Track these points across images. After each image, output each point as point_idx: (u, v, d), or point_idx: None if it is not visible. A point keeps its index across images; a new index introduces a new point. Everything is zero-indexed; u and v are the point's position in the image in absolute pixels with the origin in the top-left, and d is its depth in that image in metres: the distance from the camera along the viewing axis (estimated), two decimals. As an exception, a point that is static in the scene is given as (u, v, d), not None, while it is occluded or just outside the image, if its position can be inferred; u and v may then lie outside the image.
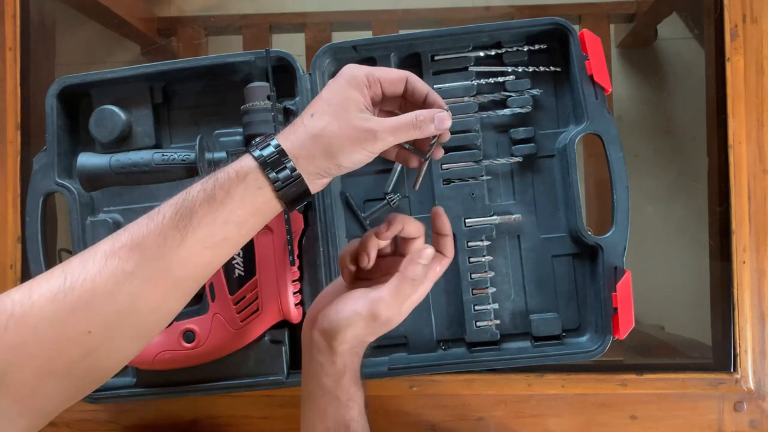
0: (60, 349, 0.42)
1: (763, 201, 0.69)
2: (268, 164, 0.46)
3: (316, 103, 0.49)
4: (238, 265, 0.61)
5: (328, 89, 0.50)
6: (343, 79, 0.49)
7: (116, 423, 0.71)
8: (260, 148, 0.47)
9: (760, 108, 0.69)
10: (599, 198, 0.90)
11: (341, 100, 0.48)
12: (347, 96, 0.48)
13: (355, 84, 0.49)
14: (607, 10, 0.99)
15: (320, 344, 0.53)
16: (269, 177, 0.46)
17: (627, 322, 0.62)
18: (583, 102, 0.64)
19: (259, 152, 0.47)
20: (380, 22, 0.96)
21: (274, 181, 0.46)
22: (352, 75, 0.50)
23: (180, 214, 0.45)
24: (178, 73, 0.67)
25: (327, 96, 0.49)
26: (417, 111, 0.50)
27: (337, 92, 0.49)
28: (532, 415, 0.69)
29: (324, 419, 0.53)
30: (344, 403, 0.53)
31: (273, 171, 0.46)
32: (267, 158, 0.46)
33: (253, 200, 0.47)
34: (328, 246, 0.64)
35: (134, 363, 0.63)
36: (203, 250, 0.46)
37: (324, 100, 0.49)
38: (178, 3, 1.05)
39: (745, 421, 0.68)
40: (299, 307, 0.64)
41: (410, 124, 0.49)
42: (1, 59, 0.75)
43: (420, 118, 0.49)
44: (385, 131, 0.48)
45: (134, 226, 0.45)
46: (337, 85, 0.49)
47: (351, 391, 0.53)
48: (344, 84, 0.49)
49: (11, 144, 0.74)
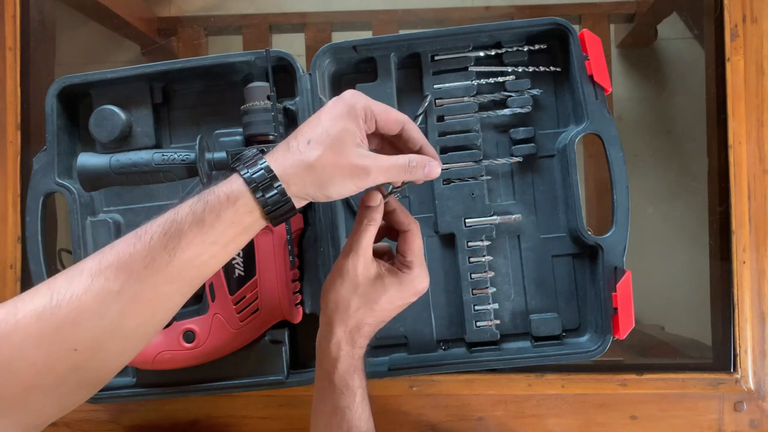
0: (47, 366, 0.42)
1: (763, 201, 0.69)
2: (259, 188, 0.46)
3: (315, 128, 0.48)
4: (238, 265, 0.61)
5: (328, 115, 0.49)
6: (344, 108, 0.49)
7: (116, 423, 0.71)
8: (249, 167, 0.47)
9: (760, 108, 0.69)
10: (599, 198, 0.90)
11: (340, 131, 0.48)
12: (346, 128, 0.48)
13: (353, 115, 0.49)
14: (607, 10, 0.99)
15: (321, 328, 0.55)
16: (259, 200, 0.47)
17: (627, 322, 0.62)
18: (583, 102, 0.64)
19: (249, 174, 0.47)
20: (380, 22, 0.96)
21: (264, 204, 0.47)
22: (352, 105, 0.49)
23: (168, 235, 0.45)
24: (178, 73, 0.67)
25: (327, 124, 0.48)
26: (411, 155, 0.51)
27: (336, 122, 0.48)
28: (532, 415, 0.69)
29: (323, 402, 0.54)
30: (338, 390, 0.53)
31: (263, 194, 0.47)
32: (258, 181, 0.46)
33: (242, 222, 0.47)
34: (328, 246, 0.64)
35: (134, 363, 0.63)
36: (190, 268, 0.46)
37: (323, 129, 0.48)
38: (178, 3, 1.05)
39: (745, 421, 0.68)
40: (299, 307, 0.64)
41: (403, 168, 0.50)
42: (1, 59, 0.75)
43: (413, 164, 0.50)
44: (378, 170, 0.48)
45: (121, 244, 0.46)
46: (338, 114, 0.49)
47: (346, 379, 0.53)
48: (345, 114, 0.49)
49: (11, 144, 0.74)
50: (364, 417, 0.54)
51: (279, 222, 0.49)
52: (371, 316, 0.54)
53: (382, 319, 0.55)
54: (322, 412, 0.55)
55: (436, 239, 0.68)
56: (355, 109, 0.49)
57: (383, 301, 0.54)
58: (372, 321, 0.54)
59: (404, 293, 0.55)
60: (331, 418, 0.54)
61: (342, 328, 0.54)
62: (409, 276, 0.55)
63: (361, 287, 0.53)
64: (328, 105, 0.50)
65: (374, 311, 0.54)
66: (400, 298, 0.55)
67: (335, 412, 0.53)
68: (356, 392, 0.54)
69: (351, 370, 0.54)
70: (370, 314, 0.54)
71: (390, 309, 0.55)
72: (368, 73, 0.68)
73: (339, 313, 0.54)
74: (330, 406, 0.54)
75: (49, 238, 0.68)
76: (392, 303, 0.54)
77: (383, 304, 0.54)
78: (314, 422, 0.56)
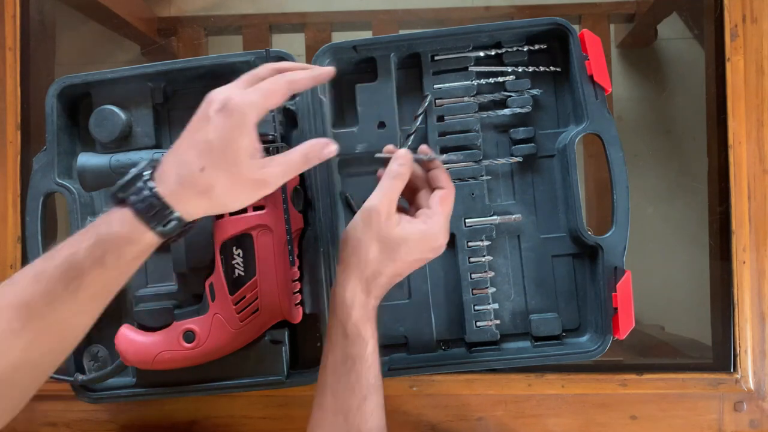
0: None
1: (763, 201, 0.69)
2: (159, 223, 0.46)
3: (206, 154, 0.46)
4: (238, 265, 0.61)
5: (216, 131, 0.46)
6: (234, 121, 0.47)
7: (116, 423, 0.71)
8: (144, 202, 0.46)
9: (760, 108, 0.69)
10: (599, 198, 0.90)
11: (234, 151, 0.46)
12: (239, 145, 0.47)
13: (242, 125, 0.47)
14: (607, 10, 0.99)
15: (337, 276, 0.55)
16: (159, 232, 0.47)
17: (627, 322, 0.62)
18: (583, 102, 0.64)
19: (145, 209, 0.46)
20: (380, 22, 0.96)
21: (162, 234, 0.47)
22: (241, 114, 0.47)
23: (69, 276, 0.45)
24: (178, 73, 0.67)
25: (218, 145, 0.46)
26: (302, 147, 0.50)
27: (228, 141, 0.46)
28: (532, 415, 0.69)
29: (334, 352, 0.53)
30: (350, 338, 0.53)
31: (164, 227, 0.47)
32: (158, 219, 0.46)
33: (144, 254, 0.48)
34: (328, 246, 0.64)
35: (134, 363, 0.63)
36: (95, 300, 0.47)
37: (215, 152, 0.46)
38: (178, 3, 1.05)
39: (745, 421, 0.68)
40: (299, 307, 0.64)
41: (298, 164, 0.50)
42: (1, 59, 0.75)
43: (309, 156, 0.50)
44: (275, 177, 0.49)
45: (21, 280, 0.46)
46: (227, 129, 0.47)
47: (359, 327, 0.53)
48: (235, 127, 0.47)
49: (11, 144, 0.74)
50: (373, 369, 0.53)
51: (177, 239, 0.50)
52: (389, 266, 0.53)
53: (398, 272, 0.55)
54: (332, 363, 0.54)
55: (436, 239, 0.68)
56: (245, 118, 0.47)
57: (402, 252, 0.53)
58: (389, 272, 0.54)
59: (424, 245, 0.54)
60: (340, 366, 0.53)
61: (358, 275, 0.53)
62: (432, 228, 0.54)
63: (383, 233, 0.53)
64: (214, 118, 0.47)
65: (393, 261, 0.53)
66: (419, 250, 0.54)
67: (345, 360, 0.52)
68: (368, 342, 0.53)
69: (364, 320, 0.53)
70: (389, 264, 0.53)
71: (408, 261, 0.54)
72: (368, 73, 0.68)
73: (357, 258, 0.53)
74: (340, 356, 0.53)
75: (49, 238, 0.68)
76: (411, 254, 0.54)
77: (402, 254, 0.53)
78: (322, 375, 0.54)
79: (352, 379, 0.52)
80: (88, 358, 0.67)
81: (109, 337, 0.64)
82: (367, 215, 0.54)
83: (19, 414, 0.61)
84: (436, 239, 0.55)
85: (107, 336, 0.67)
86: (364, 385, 0.52)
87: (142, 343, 0.62)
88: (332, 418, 0.52)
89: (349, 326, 0.53)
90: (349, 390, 0.52)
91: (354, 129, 0.67)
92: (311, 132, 0.64)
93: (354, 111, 0.67)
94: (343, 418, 0.52)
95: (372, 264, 0.53)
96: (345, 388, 0.52)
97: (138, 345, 0.62)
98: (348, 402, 0.52)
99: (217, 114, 0.47)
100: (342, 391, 0.52)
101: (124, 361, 0.63)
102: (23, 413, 0.73)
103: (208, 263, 0.63)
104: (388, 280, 0.54)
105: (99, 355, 0.68)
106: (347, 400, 0.52)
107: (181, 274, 0.65)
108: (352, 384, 0.52)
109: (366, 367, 0.52)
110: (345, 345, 0.53)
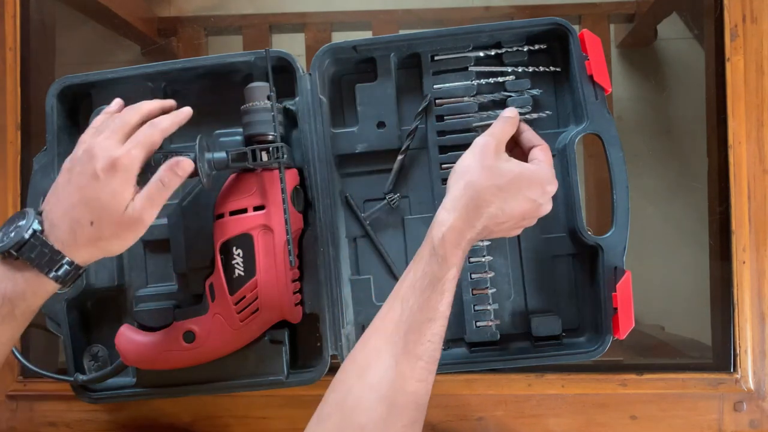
0: None
1: (763, 201, 0.69)
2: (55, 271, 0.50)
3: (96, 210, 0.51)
4: (238, 265, 0.61)
5: (105, 190, 0.51)
6: (121, 179, 0.51)
7: (116, 423, 0.71)
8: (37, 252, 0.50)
9: (760, 108, 0.69)
10: (599, 198, 0.90)
11: (118, 203, 0.51)
12: (123, 198, 0.51)
13: (130, 182, 0.52)
14: (607, 10, 0.99)
15: (446, 198, 0.56)
16: (56, 279, 0.51)
17: (627, 322, 0.62)
18: (583, 102, 0.64)
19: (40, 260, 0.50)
20: (380, 22, 0.97)
21: (56, 279, 0.51)
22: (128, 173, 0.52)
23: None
24: (178, 73, 0.67)
25: (106, 202, 0.51)
26: (156, 174, 0.53)
27: (115, 196, 0.51)
28: (532, 415, 0.69)
29: (416, 265, 0.53)
30: (437, 258, 0.53)
31: (56, 273, 0.50)
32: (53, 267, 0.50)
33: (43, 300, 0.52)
34: (328, 246, 0.64)
35: (134, 363, 0.63)
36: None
37: (103, 208, 0.51)
38: (178, 3, 1.05)
39: (745, 421, 0.68)
40: (299, 307, 0.64)
41: (159, 190, 0.53)
42: (1, 59, 0.75)
43: (165, 180, 0.53)
44: (146, 212, 0.52)
45: None
46: (116, 186, 0.51)
47: (446, 249, 0.53)
48: (122, 184, 0.51)
49: (11, 144, 0.74)
50: (447, 297, 0.53)
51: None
52: (496, 196, 0.54)
53: (506, 210, 0.55)
54: (411, 276, 0.53)
55: (436, 239, 0.68)
56: (130, 175, 0.52)
57: (513, 186, 0.55)
58: (495, 205, 0.54)
59: (534, 184, 0.56)
60: (419, 281, 0.52)
61: (461, 200, 0.54)
62: (541, 170, 0.57)
63: (491, 162, 0.55)
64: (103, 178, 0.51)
65: (501, 191, 0.54)
66: (528, 187, 0.55)
67: (424, 277, 0.52)
68: (451, 268, 0.53)
69: (454, 244, 0.53)
70: (496, 194, 0.54)
71: (517, 199, 0.55)
72: (368, 73, 0.68)
73: (463, 182, 0.55)
74: (421, 271, 0.53)
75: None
76: (520, 190, 0.55)
77: (512, 188, 0.55)
78: (398, 286, 0.54)
79: (424, 297, 0.52)
80: (88, 358, 0.67)
81: (110, 337, 0.65)
82: (478, 148, 0.56)
83: (19, 414, 0.61)
84: (547, 181, 0.56)
85: (107, 336, 0.67)
86: (433, 307, 0.52)
87: (142, 343, 0.62)
88: (393, 329, 0.51)
89: (438, 246, 0.53)
90: (417, 306, 0.51)
91: (354, 129, 0.67)
92: (312, 132, 0.64)
93: (354, 111, 0.67)
94: (404, 332, 0.51)
95: (479, 189, 0.54)
96: (415, 303, 0.52)
97: (138, 345, 0.62)
98: (413, 317, 0.51)
99: (107, 174, 0.51)
100: (411, 306, 0.52)
101: (124, 361, 0.63)
102: (24, 413, 0.73)
103: (208, 263, 0.63)
104: (493, 212, 0.54)
105: (99, 355, 0.68)
106: (413, 315, 0.51)
107: (181, 274, 0.65)
108: (422, 302, 0.52)
109: (440, 291, 0.52)
110: (429, 262, 0.53)
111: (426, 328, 0.51)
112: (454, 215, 0.54)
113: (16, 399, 0.72)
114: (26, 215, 0.51)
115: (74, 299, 0.66)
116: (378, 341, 0.52)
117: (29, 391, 0.72)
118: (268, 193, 0.61)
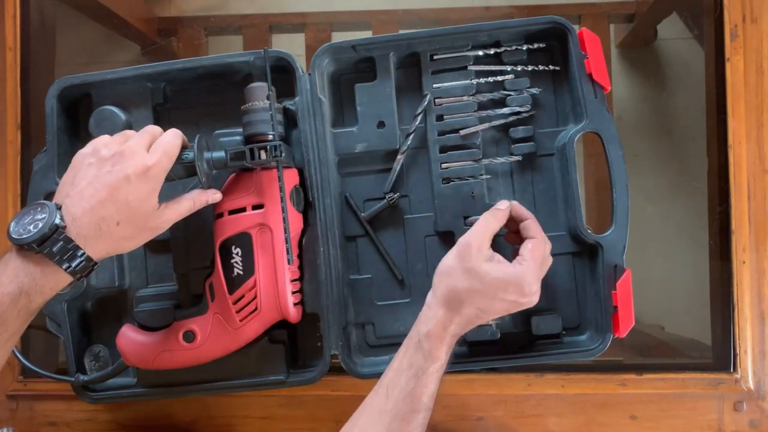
0: None
1: (763, 201, 0.69)
2: (72, 264, 0.50)
3: (123, 211, 0.52)
4: (237, 264, 0.61)
5: (135, 194, 0.52)
6: (151, 186, 0.53)
7: (116, 423, 0.71)
8: (59, 247, 0.50)
9: (760, 108, 0.69)
10: (599, 197, 0.90)
11: (146, 208, 0.53)
12: (150, 204, 0.53)
13: (157, 189, 0.54)
14: (607, 10, 0.99)
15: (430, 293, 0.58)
16: (69, 272, 0.51)
17: (627, 320, 0.61)
18: (582, 100, 0.64)
19: (61, 255, 0.50)
20: (380, 22, 0.97)
21: (73, 273, 0.51)
22: (157, 180, 0.54)
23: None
24: (178, 74, 0.67)
25: (135, 205, 0.52)
26: (191, 194, 0.58)
27: (143, 201, 0.53)
28: (532, 415, 0.69)
29: (404, 354, 0.56)
30: (422, 351, 0.55)
31: (72, 266, 0.50)
32: (79, 271, 0.51)
33: (54, 293, 0.52)
34: (328, 246, 0.64)
35: (134, 363, 0.63)
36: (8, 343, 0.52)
37: (131, 210, 0.52)
38: (178, 3, 1.05)
39: (745, 421, 0.68)
40: (299, 307, 0.64)
41: (189, 208, 0.57)
42: (1, 59, 0.75)
43: (196, 200, 0.58)
44: (169, 222, 0.56)
45: None
46: (145, 192, 0.53)
47: (432, 343, 0.55)
48: (151, 190, 0.53)
49: (11, 144, 0.74)
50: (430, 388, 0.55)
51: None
52: (475, 297, 0.56)
53: (485, 308, 0.56)
54: (398, 364, 0.56)
55: (436, 238, 0.68)
56: (159, 182, 0.54)
57: (490, 287, 0.55)
58: (475, 304, 0.56)
59: (512, 287, 0.56)
60: (404, 371, 0.55)
61: (444, 298, 0.56)
62: (521, 273, 0.56)
63: (471, 264, 0.56)
64: (135, 182, 0.52)
65: (479, 293, 0.55)
66: (506, 291, 0.56)
67: (410, 367, 0.55)
68: (436, 361, 0.55)
69: (439, 339, 0.55)
70: (475, 295, 0.56)
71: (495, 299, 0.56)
72: (367, 72, 0.68)
73: (446, 283, 0.57)
74: (407, 361, 0.55)
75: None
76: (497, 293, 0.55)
77: (489, 289, 0.55)
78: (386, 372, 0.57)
79: (409, 387, 0.54)
80: (89, 358, 0.67)
81: (110, 337, 0.65)
82: (461, 247, 0.57)
83: (19, 414, 0.61)
84: (526, 284, 0.56)
85: (108, 336, 0.67)
86: (417, 398, 0.54)
87: (142, 343, 0.62)
88: (377, 416, 0.54)
89: (424, 339, 0.56)
90: (402, 396, 0.54)
91: (353, 128, 0.67)
92: (311, 131, 0.64)
93: (353, 110, 0.67)
94: (388, 421, 0.54)
95: (458, 291, 0.56)
96: (400, 393, 0.54)
97: (139, 345, 0.62)
98: (397, 407, 0.54)
99: (138, 178, 0.52)
100: (396, 395, 0.54)
101: (125, 360, 0.63)
102: (24, 413, 0.73)
103: (209, 263, 0.63)
104: (473, 312, 0.56)
105: (100, 355, 0.68)
106: (397, 404, 0.54)
107: (181, 274, 0.65)
108: (407, 392, 0.54)
109: (424, 383, 0.54)
110: (415, 354, 0.56)
111: (410, 418, 0.54)
112: (439, 313, 0.56)
113: (16, 399, 0.72)
114: (47, 208, 0.51)
115: (75, 300, 0.66)
116: (364, 427, 0.55)
117: (29, 391, 0.72)
118: (266, 191, 0.61)
